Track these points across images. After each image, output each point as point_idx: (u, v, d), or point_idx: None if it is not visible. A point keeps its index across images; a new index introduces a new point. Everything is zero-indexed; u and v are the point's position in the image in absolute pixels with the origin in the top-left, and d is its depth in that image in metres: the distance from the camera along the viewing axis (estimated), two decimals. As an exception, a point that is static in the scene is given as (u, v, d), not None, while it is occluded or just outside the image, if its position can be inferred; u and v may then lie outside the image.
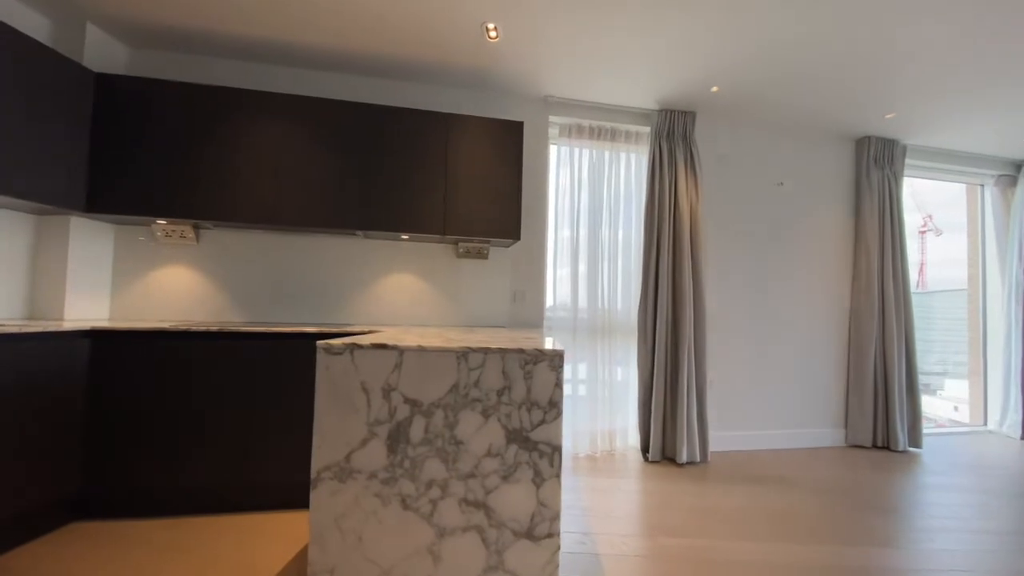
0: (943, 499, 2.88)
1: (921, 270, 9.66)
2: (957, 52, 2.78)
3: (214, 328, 2.38)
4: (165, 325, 2.41)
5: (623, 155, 3.65)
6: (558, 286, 3.57)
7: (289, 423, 2.41)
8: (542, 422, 1.53)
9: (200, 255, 2.97)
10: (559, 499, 1.53)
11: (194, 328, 2.36)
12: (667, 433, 3.38)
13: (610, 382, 3.54)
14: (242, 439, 2.37)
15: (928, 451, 3.85)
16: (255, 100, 2.73)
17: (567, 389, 3.46)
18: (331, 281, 3.14)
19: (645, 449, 3.42)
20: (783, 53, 2.84)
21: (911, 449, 3.87)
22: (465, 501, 1.49)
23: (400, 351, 1.50)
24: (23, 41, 2.18)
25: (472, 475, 1.50)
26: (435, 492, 1.49)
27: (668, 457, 3.39)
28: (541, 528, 1.51)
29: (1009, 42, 2.66)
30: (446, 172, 2.95)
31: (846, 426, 4.01)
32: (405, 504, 1.48)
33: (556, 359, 1.54)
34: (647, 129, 3.60)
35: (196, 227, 2.90)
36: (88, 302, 2.70)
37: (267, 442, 2.40)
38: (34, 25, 2.49)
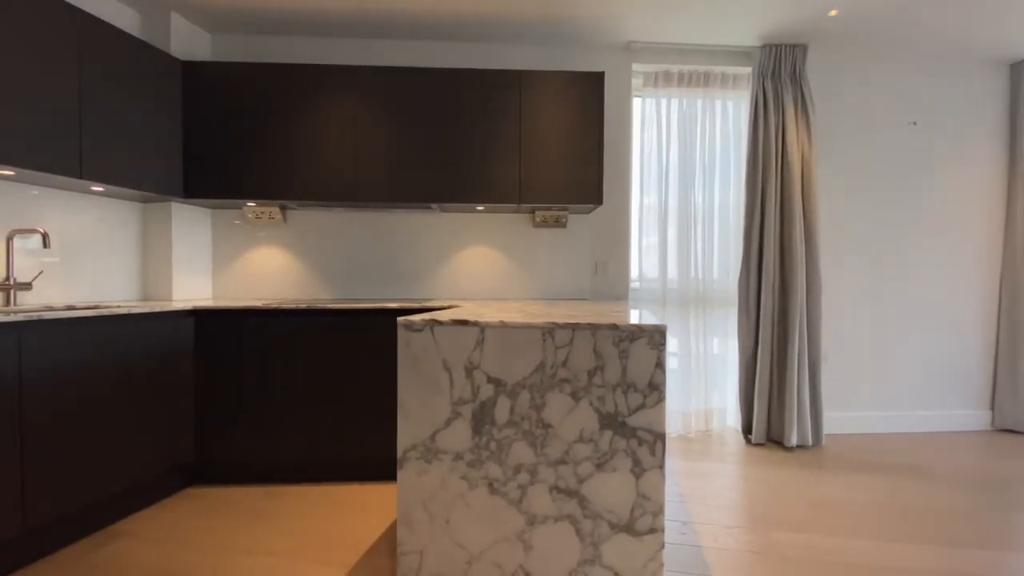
0: None
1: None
2: None
3: (303, 306, 2.43)
4: (259, 303, 2.50)
5: (719, 103, 3.24)
6: (644, 255, 3.30)
7: (379, 398, 2.43)
8: (641, 406, 1.35)
9: (288, 235, 3.07)
10: (662, 491, 1.36)
11: (286, 306, 2.43)
12: (773, 413, 3.05)
13: (705, 357, 3.25)
14: (335, 412, 2.43)
15: (1109, 439, 3.18)
16: (328, 75, 2.70)
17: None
18: (409, 256, 3.12)
19: (747, 430, 3.11)
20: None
21: (1083, 436, 3.21)
22: (556, 488, 1.37)
23: (481, 327, 1.38)
24: (121, 38, 2.28)
25: (563, 461, 1.37)
26: (523, 477, 1.38)
27: (774, 439, 3.06)
28: (643, 522, 1.35)
29: None
30: (520, 136, 2.77)
31: (992, 407, 3.41)
32: (492, 488, 1.39)
33: (657, 336, 1.35)
34: (747, 70, 3.15)
35: (283, 208, 2.99)
36: (193, 283, 2.88)
37: (359, 416, 2.44)
38: (123, 18, 2.60)
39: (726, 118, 3.25)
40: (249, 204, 2.88)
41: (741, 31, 2.97)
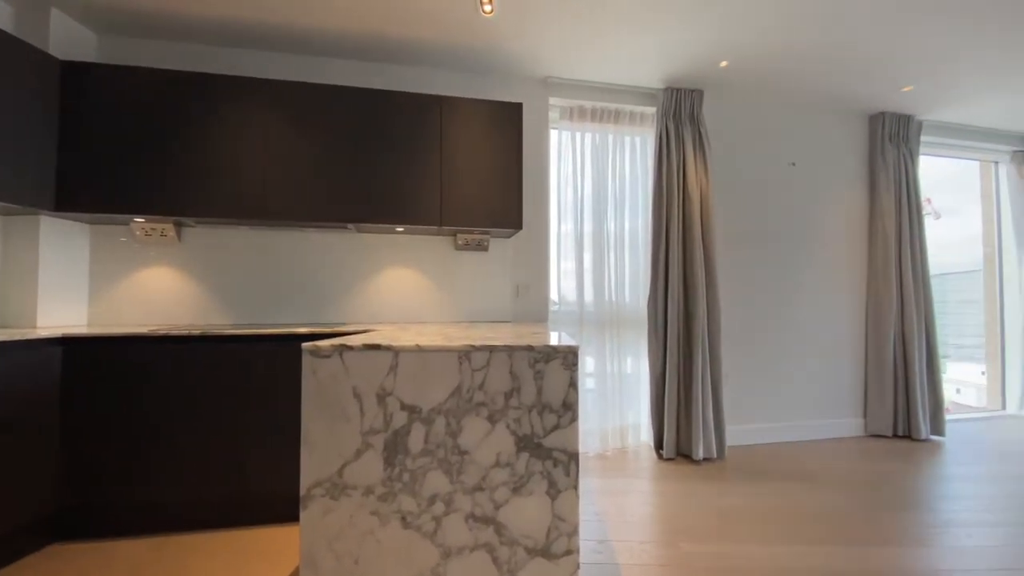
0: (974, 491, 2.73)
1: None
2: (976, 22, 2.60)
3: (197, 332, 2.21)
4: (144, 330, 2.24)
5: (627, 139, 3.47)
6: (563, 279, 3.41)
7: (284, 432, 2.25)
8: (556, 427, 1.37)
9: (183, 255, 2.80)
10: (577, 512, 1.37)
11: (176, 332, 2.19)
12: (682, 429, 3.22)
13: (620, 377, 3.38)
14: (233, 450, 2.21)
15: (951, 439, 3.70)
16: (236, 86, 2.55)
17: (575, 385, 3.30)
18: (324, 278, 2.98)
19: (659, 446, 3.26)
20: (795, 23, 2.66)
21: (933, 437, 3.72)
22: (472, 517, 1.34)
23: (395, 352, 1.33)
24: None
25: (479, 488, 1.34)
26: (438, 508, 1.33)
27: (683, 454, 3.23)
28: (558, 545, 1.35)
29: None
30: (441, 159, 2.77)
31: (865, 415, 3.86)
32: (405, 522, 1.32)
33: (570, 356, 1.38)
34: (652, 110, 3.42)
35: (177, 225, 2.73)
36: (63, 307, 2.53)
37: (261, 453, 2.24)
38: (-7, 11, 2.31)
39: (634, 153, 3.49)
40: (137, 220, 2.60)
41: (646, 74, 3.24)
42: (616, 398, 3.38)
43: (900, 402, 3.73)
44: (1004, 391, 4.53)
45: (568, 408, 1.38)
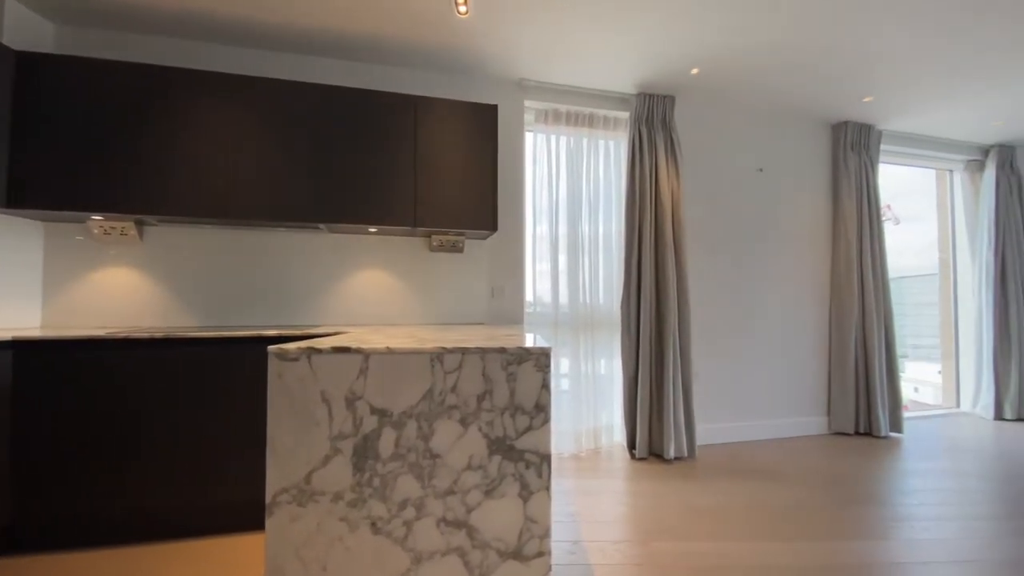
0: (931, 485, 2.85)
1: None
2: (932, 37, 2.72)
3: (159, 335, 2.14)
4: (102, 333, 2.15)
5: (601, 142, 3.51)
6: (538, 281, 3.42)
7: (251, 437, 2.19)
8: (528, 428, 1.37)
9: (145, 255, 2.70)
10: (549, 513, 1.37)
11: (137, 335, 2.11)
12: (654, 429, 3.27)
13: (594, 378, 3.41)
14: (197, 457, 2.14)
15: (909, 436, 3.86)
16: (203, 81, 2.48)
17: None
18: (294, 280, 2.91)
19: (632, 446, 3.30)
20: (764, 34, 2.74)
21: (893, 434, 3.87)
22: (444, 521, 1.32)
23: (365, 355, 1.31)
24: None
25: (451, 492, 1.33)
26: (409, 513, 1.31)
27: (655, 453, 3.28)
28: (530, 547, 1.35)
29: (982, 28, 2.62)
30: (415, 160, 2.75)
31: (829, 413, 3.99)
32: (376, 528, 1.30)
33: (542, 358, 1.38)
34: (626, 114, 3.47)
35: (139, 223, 2.63)
36: (15, 309, 2.41)
37: (225, 460, 2.17)
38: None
39: (608, 157, 3.53)
40: (95, 218, 2.50)
41: (620, 79, 3.28)
42: (590, 399, 3.40)
43: (861, 401, 3.87)
44: (958, 389, 4.75)
45: (541, 410, 1.38)
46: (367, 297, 3.02)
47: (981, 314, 4.49)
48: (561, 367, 3.43)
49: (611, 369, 3.51)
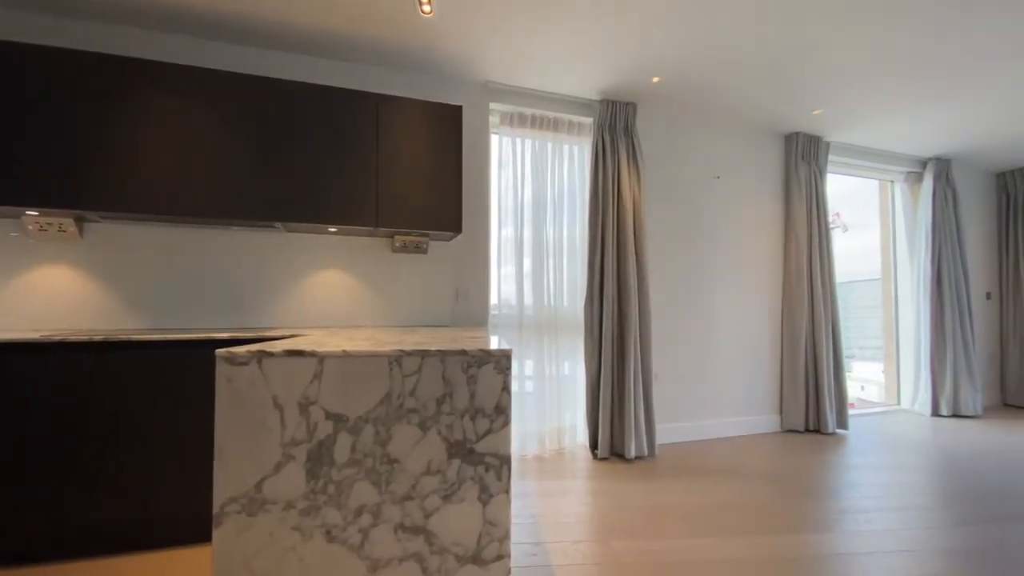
0: (875, 479, 3.00)
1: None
2: (875, 54, 2.89)
3: (99, 338, 2.01)
4: (36, 336, 2.01)
5: (566, 147, 3.55)
6: (503, 283, 3.42)
7: (201, 445, 2.09)
8: (488, 431, 1.36)
9: (85, 253, 2.55)
10: (509, 516, 1.37)
11: (74, 338, 1.98)
12: (615, 429, 3.32)
13: (557, 379, 3.44)
14: (137, 467, 2.03)
15: (854, 432, 4.06)
16: (152, 72, 2.36)
17: (513, 388, 3.32)
18: (249, 281, 2.81)
19: (594, 446, 3.34)
20: (722, 46, 2.84)
21: (839, 431, 4.07)
22: (402, 527, 1.30)
23: (320, 358, 1.27)
24: None
25: (409, 497, 1.31)
26: (366, 520, 1.28)
27: (617, 453, 3.33)
28: (490, 550, 1.34)
29: (920, 50, 2.81)
30: (378, 159, 2.70)
31: (781, 412, 4.15)
32: (330, 536, 1.27)
33: (503, 360, 1.38)
34: (589, 120, 3.52)
35: (79, 219, 2.48)
36: (-65, 311, 2.22)
37: (170, 469, 2.07)
38: None
39: (572, 161, 3.57)
40: (30, 212, 2.34)
41: (583, 85, 3.33)
42: (554, 400, 3.43)
43: (811, 400, 4.05)
44: (899, 388, 5.04)
45: (501, 412, 1.37)
46: (327, 298, 2.95)
47: (919, 317, 4.78)
48: (525, 369, 3.44)
49: (575, 371, 3.55)
